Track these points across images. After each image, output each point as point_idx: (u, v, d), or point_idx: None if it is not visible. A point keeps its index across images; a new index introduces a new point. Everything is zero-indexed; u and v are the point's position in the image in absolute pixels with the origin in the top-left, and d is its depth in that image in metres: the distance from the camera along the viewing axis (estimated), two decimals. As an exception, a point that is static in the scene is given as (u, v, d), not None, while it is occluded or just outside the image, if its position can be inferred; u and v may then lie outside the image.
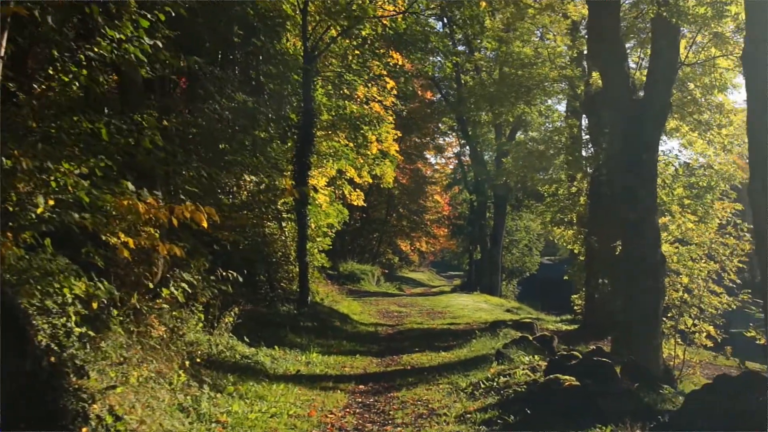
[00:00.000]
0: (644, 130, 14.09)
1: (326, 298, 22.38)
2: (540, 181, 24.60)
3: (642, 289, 14.14)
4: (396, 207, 49.43)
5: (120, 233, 7.82)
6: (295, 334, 15.25)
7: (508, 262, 47.20)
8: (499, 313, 26.44)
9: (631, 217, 14.26)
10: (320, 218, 21.25)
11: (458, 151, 50.43)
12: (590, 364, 7.88)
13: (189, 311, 11.27)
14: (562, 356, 8.37)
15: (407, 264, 61.29)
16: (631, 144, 14.29)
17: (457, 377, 10.44)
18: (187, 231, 13.11)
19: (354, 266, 41.13)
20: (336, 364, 12.65)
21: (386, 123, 23.79)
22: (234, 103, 13.20)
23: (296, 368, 11.64)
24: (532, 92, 22.72)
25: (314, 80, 19.40)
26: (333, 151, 22.13)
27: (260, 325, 14.80)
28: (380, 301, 29.53)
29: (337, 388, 10.21)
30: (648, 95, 14.19)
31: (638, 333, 14.19)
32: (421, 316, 24.02)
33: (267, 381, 9.82)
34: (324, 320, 18.26)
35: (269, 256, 19.20)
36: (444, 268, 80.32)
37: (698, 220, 15.82)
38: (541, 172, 24.76)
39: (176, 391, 7.62)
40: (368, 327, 19.87)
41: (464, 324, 21.25)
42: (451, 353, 13.87)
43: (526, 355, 10.86)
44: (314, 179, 21.83)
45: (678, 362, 14.66)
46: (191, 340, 10.43)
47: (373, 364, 13.09)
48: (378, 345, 16.26)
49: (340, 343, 15.63)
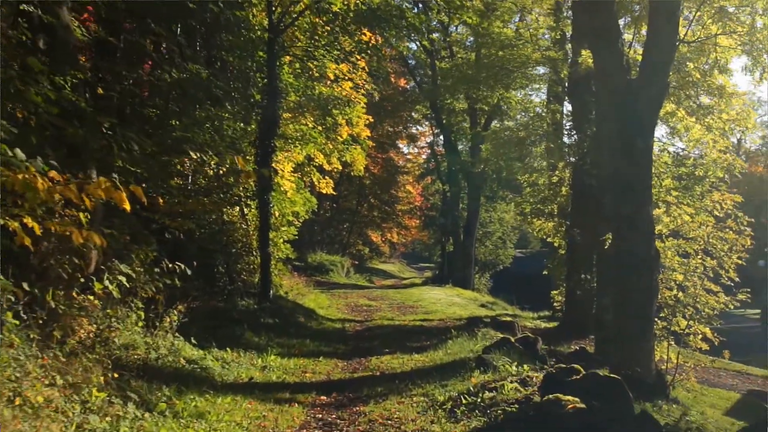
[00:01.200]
0: (640, 114, 12.81)
1: (291, 291, 20.91)
2: (519, 170, 23.33)
3: (634, 286, 12.85)
4: (367, 197, 48.38)
5: (26, 217, 6.36)
6: (254, 332, 13.82)
7: (482, 255, 46.23)
8: (474, 309, 25.29)
9: (624, 208, 12.99)
10: (285, 206, 19.76)
11: (431, 140, 49.47)
12: (596, 382, 6.55)
13: (126, 309, 9.82)
14: (561, 369, 7.05)
15: (378, 255, 60.45)
16: (625, 129, 13.00)
17: (433, 388, 9.09)
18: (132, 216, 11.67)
19: (323, 257, 39.98)
20: (296, 369, 11.22)
21: (358, 106, 22.35)
22: (185, 73, 11.68)
23: (249, 374, 10.21)
24: (513, 75, 21.39)
25: (281, 58, 17.92)
26: (300, 134, 20.62)
27: (214, 323, 13.34)
28: (349, 294, 28.20)
29: (294, 401, 8.79)
30: (644, 75, 12.89)
31: (629, 335, 12.91)
32: (392, 311, 22.73)
33: (212, 392, 8.35)
34: (287, 316, 16.82)
35: (229, 246, 17.71)
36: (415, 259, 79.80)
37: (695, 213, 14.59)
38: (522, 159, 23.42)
39: (90, 411, 6.16)
40: (335, 323, 18.48)
41: (438, 320, 19.99)
42: (425, 356, 12.53)
43: (512, 362, 9.57)
44: (280, 164, 20.36)
45: (671, 366, 13.45)
46: (125, 343, 8.97)
47: (338, 368, 11.70)
48: (345, 344, 14.88)
49: (303, 343, 14.21)
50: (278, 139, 19.01)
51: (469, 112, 38.21)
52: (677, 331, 13.67)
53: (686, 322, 13.68)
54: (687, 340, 13.62)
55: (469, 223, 39.14)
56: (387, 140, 46.47)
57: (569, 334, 18.89)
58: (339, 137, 22.50)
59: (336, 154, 24.30)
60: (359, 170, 27.22)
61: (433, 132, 48.37)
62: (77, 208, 7.58)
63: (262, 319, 15.36)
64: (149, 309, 10.21)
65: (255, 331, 13.94)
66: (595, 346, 16.75)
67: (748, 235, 13.07)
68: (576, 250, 19.42)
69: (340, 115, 20.51)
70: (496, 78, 20.90)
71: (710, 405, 14.00)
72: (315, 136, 20.36)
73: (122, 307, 9.74)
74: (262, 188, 16.88)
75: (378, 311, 22.61)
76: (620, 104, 13.26)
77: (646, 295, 12.96)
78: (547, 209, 21.54)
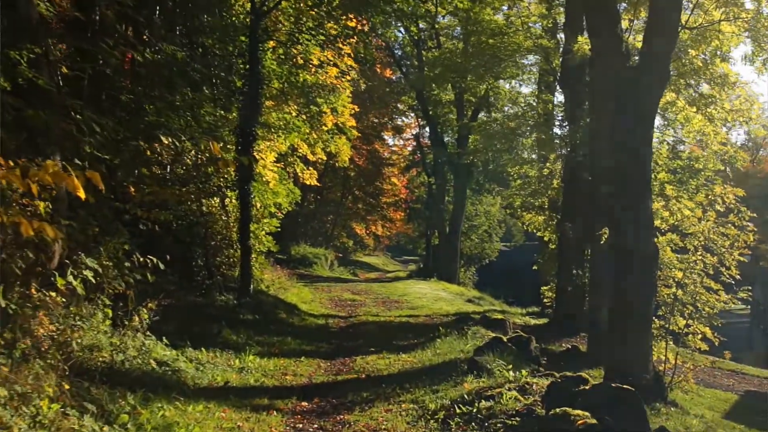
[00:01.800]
0: (640, 102, 12.20)
1: (272, 285, 20.17)
2: (510, 162, 22.68)
3: (631, 284, 12.28)
4: (352, 189, 47.68)
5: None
6: (232, 330, 13.09)
7: (467, 249, 45.66)
8: (461, 304, 24.66)
9: (621, 201, 12.39)
10: (267, 197, 19.00)
11: (417, 132, 48.79)
12: (608, 393, 5.90)
13: (92, 306, 9.09)
14: (567, 378, 6.39)
15: (362, 248, 59.89)
16: (624, 118, 12.40)
17: (423, 393, 8.42)
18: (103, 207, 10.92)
19: (307, 250, 39.24)
20: (276, 370, 10.50)
21: (343, 95, 21.60)
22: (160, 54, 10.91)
23: (225, 378, 9.48)
24: (503, 64, 20.69)
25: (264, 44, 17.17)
26: (284, 123, 19.85)
27: (190, 320, 12.63)
28: (333, 288, 27.50)
29: (272, 408, 8.09)
30: (645, 62, 12.26)
31: (626, 334, 12.35)
32: (377, 306, 22.08)
33: (183, 399, 7.61)
34: (268, 312, 16.10)
35: (208, 239, 16.96)
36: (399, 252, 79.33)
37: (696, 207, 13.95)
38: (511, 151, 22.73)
39: (40, 426, 5.45)
40: (318, 319, 17.79)
41: (424, 316, 19.36)
42: (413, 356, 11.88)
43: (507, 365, 8.91)
44: (262, 154, 19.61)
45: (669, 367, 12.89)
46: (89, 345, 8.24)
47: (321, 369, 11.01)
48: (328, 343, 14.19)
49: (284, 341, 13.50)
50: (260, 127, 18.27)
51: (456, 104, 37.67)
52: (675, 331, 13.12)
53: (685, 321, 13.13)
54: (686, 340, 13.06)
55: (455, 216, 38.54)
56: (372, 132, 45.72)
57: (560, 332, 18.32)
58: (324, 127, 21.78)
59: (320, 144, 23.58)
60: (344, 161, 26.51)
61: (418, 124, 47.75)
62: (39, 198, 6.89)
63: (242, 316, 14.66)
64: (118, 306, 9.51)
65: (233, 328, 13.23)
66: (587, 344, 16.18)
67: (750, 231, 12.50)
68: (567, 244, 18.81)
69: (324, 103, 19.76)
70: (486, 66, 20.21)
71: (708, 407, 13.44)
72: (299, 125, 19.62)
73: (88, 305, 9.03)
74: (243, 178, 16.13)
75: (362, 306, 21.96)
76: (619, 92, 12.66)
77: (644, 292, 12.38)
78: (537, 202, 20.92)
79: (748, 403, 14.46)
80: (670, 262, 13.16)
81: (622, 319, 12.44)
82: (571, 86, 18.77)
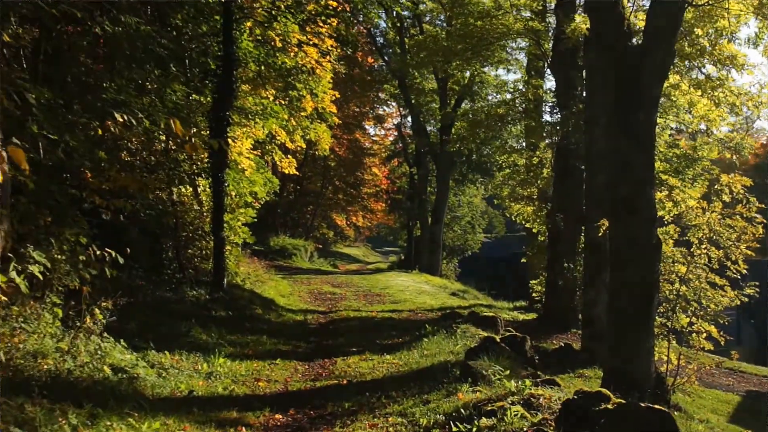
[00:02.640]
0: (643, 84, 11.31)
1: (248, 278, 19.12)
2: (498, 150, 21.75)
3: (632, 278, 11.41)
4: (332, 179, 46.88)
5: None
6: (202, 328, 12.09)
7: (449, 240, 44.96)
8: (445, 298, 23.84)
9: (622, 190, 11.53)
10: (243, 185, 17.96)
11: (399, 122, 47.99)
12: (636, 415, 4.97)
13: (40, 306, 8.08)
14: (584, 395, 5.45)
15: (342, 239, 59.37)
16: (626, 101, 11.53)
17: (412, 404, 7.48)
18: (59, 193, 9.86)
19: (286, 241, 38.45)
20: (248, 375, 9.50)
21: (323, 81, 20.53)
22: (120, 26, 9.85)
23: (190, 385, 8.47)
24: (492, 48, 19.74)
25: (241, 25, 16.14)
26: (261, 108, 18.78)
27: (156, 318, 11.64)
28: (312, 280, 26.58)
29: (241, 422, 7.09)
30: (648, 41, 11.37)
31: (625, 333, 11.49)
32: (358, 299, 21.18)
33: (138, 414, 6.60)
34: (242, 308, 15.09)
35: (179, 230, 15.91)
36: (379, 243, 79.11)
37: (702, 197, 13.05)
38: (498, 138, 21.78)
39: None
40: (296, 315, 16.82)
41: (407, 311, 18.46)
42: (399, 357, 10.94)
43: (504, 371, 8.00)
44: (238, 141, 18.56)
45: (671, 368, 12.09)
46: (34, 350, 7.23)
47: (298, 373, 10.02)
48: (306, 341, 13.22)
49: (259, 340, 12.52)
50: (236, 112, 17.24)
51: (439, 92, 36.90)
52: (678, 329, 12.31)
53: (688, 319, 12.33)
54: (690, 339, 12.24)
55: (437, 207, 37.82)
56: (353, 121, 44.86)
57: (550, 328, 17.55)
58: (303, 113, 20.73)
59: (300, 132, 22.52)
60: (324, 149, 25.44)
61: (400, 113, 47.02)
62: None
63: (214, 312, 13.66)
64: (70, 306, 8.49)
65: (204, 326, 12.22)
66: (581, 342, 15.38)
67: (759, 223, 11.68)
68: (558, 236, 17.98)
69: (304, 88, 18.72)
70: (474, 50, 19.26)
71: (711, 410, 12.71)
72: (277, 110, 18.57)
73: (34, 304, 8.02)
74: (216, 164, 15.12)
75: (343, 300, 21.05)
76: (620, 73, 11.79)
77: (646, 288, 11.54)
78: (526, 192, 20.05)
79: (751, 404, 13.74)
80: (673, 255, 12.35)
81: (622, 317, 11.58)
82: (563, 71, 17.91)
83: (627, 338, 11.56)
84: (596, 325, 15.08)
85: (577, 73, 17.79)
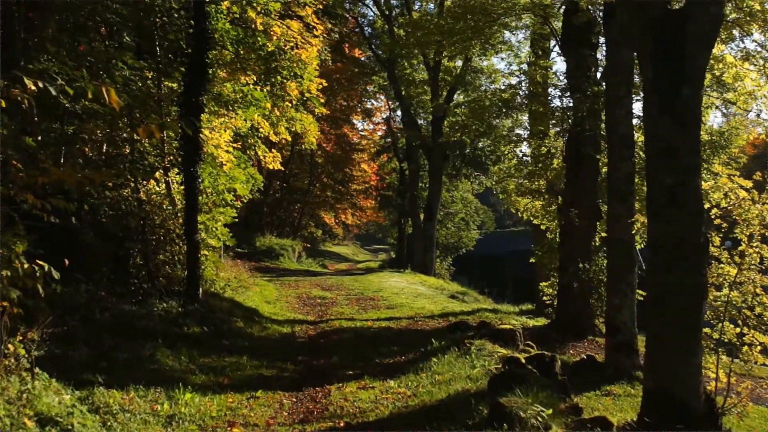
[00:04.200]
0: (688, 55, 9.52)
1: (229, 285, 17.19)
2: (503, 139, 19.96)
3: (677, 283, 9.59)
4: (319, 176, 45.31)
5: None
6: (171, 349, 10.20)
7: (443, 238, 43.24)
8: (444, 301, 22.05)
9: (667, 180, 9.70)
10: (221, 182, 16.09)
11: (388, 116, 46.33)
12: None
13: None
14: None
15: (331, 237, 57.84)
16: (666, 74, 9.72)
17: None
18: None
19: (273, 241, 36.80)
20: (220, 417, 7.54)
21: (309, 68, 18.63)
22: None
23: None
24: (494, 26, 17.88)
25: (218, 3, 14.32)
26: (240, 96, 16.89)
27: (114, 341, 9.72)
28: (301, 283, 24.75)
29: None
30: (694, 3, 9.61)
31: (671, 347, 9.68)
32: (350, 305, 19.36)
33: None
34: (220, 322, 13.11)
35: (147, 233, 13.99)
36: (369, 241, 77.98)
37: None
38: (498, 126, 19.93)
39: None
40: (283, 326, 14.93)
41: (406, 318, 16.68)
42: (405, 384, 9.10)
43: (546, 410, 6.22)
44: (216, 132, 16.70)
45: (721, 386, 10.32)
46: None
47: (283, 411, 8.09)
48: (294, 363, 11.29)
49: (238, 363, 10.60)
50: (212, 100, 15.39)
51: (430, 83, 35.22)
52: (728, 341, 10.55)
53: (738, 329, 10.57)
54: (742, 353, 10.50)
55: (430, 204, 36.06)
56: (341, 115, 43.19)
57: (564, 335, 15.71)
58: (287, 100, 18.84)
59: (284, 123, 20.62)
60: (311, 142, 23.56)
61: (389, 107, 45.37)
62: None
63: (186, 329, 11.74)
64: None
65: (172, 347, 10.33)
66: (606, 354, 13.57)
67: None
68: (571, 234, 16.14)
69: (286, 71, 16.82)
70: (475, 28, 17.40)
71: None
72: (258, 96, 16.70)
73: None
74: (188, 157, 13.23)
75: (334, 305, 19.22)
76: (658, 42, 10.04)
77: (693, 295, 9.75)
78: (533, 186, 18.25)
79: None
80: (720, 255, 10.59)
81: (666, 329, 9.77)
82: (576, 50, 16.11)
83: (672, 353, 9.72)
84: (622, 334, 13.32)
85: (591, 52, 16.01)
